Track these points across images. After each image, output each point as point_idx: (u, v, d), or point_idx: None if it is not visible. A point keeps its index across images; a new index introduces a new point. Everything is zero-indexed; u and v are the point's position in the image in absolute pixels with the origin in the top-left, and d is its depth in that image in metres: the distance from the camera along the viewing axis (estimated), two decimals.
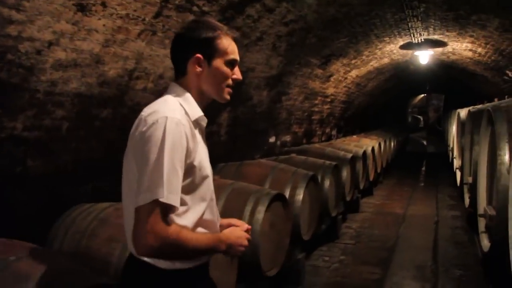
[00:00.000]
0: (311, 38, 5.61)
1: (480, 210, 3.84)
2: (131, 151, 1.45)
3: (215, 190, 1.67)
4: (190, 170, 1.45)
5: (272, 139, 7.14)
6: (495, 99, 7.66)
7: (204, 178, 1.54)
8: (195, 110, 1.54)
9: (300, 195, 3.89)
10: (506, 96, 6.78)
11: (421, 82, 15.91)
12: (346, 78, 9.11)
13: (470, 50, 7.80)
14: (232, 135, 5.57)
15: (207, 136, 1.69)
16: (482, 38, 6.60)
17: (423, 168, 13.30)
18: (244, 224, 1.73)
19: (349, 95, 10.64)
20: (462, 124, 6.45)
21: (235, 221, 1.76)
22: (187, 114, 1.50)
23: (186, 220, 1.46)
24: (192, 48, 1.54)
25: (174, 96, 1.54)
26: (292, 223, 3.64)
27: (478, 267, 4.37)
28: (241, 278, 2.87)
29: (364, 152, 7.28)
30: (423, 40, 7.40)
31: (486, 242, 3.47)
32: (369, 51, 7.84)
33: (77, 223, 2.60)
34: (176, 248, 1.40)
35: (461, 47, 7.80)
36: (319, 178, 4.78)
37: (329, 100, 9.42)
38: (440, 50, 8.36)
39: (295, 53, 5.74)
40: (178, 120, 1.41)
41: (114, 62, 3.18)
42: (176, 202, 1.37)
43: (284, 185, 3.92)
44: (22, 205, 2.87)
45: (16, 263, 1.73)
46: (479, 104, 8.13)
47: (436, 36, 7.18)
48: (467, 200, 5.26)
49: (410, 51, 8.50)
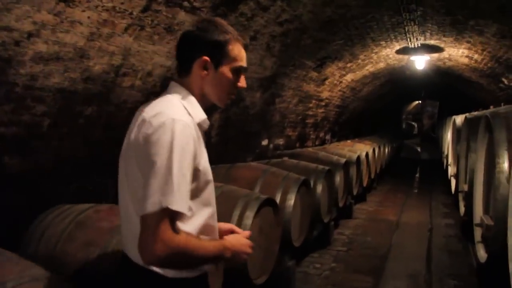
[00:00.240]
0: (306, 40, 5.50)
1: (477, 220, 3.73)
2: (134, 155, 1.39)
3: None
4: (195, 174, 1.42)
5: (265, 142, 7.01)
6: (491, 107, 7.59)
7: (208, 182, 1.51)
8: (199, 113, 1.51)
9: (291, 200, 3.76)
10: (502, 104, 6.70)
11: (416, 88, 15.88)
12: (341, 82, 9.01)
13: (467, 57, 7.73)
14: (224, 136, 5.43)
15: None
16: (479, 44, 6.53)
17: (417, 175, 13.25)
18: (245, 232, 1.72)
19: (344, 99, 10.55)
20: (458, 131, 6.36)
21: (235, 227, 1.75)
22: (190, 116, 1.46)
23: (190, 226, 1.43)
24: (200, 49, 1.50)
25: (176, 96, 1.50)
26: (282, 229, 3.50)
27: (473, 278, 4.26)
28: (228, 286, 2.73)
29: (358, 157, 7.18)
30: (419, 45, 7.32)
31: (482, 253, 3.36)
32: (364, 55, 7.75)
33: (54, 225, 2.46)
34: (184, 256, 1.36)
35: (457, 53, 7.73)
36: (312, 183, 4.65)
37: (323, 104, 9.32)
38: (436, 55, 8.28)
39: (290, 54, 5.63)
40: (186, 123, 1.37)
41: (99, 57, 3.03)
42: (185, 209, 1.34)
43: (275, 189, 3.79)
44: None
45: None
46: (474, 111, 8.07)
47: (432, 41, 7.10)
48: (462, 208, 5.15)
49: (406, 56, 8.43)
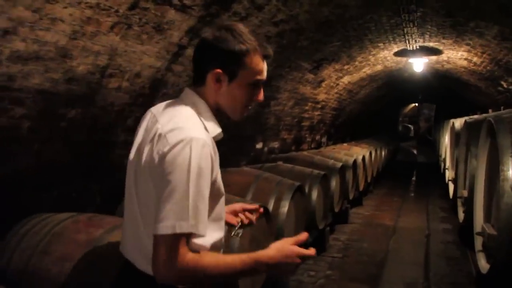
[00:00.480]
0: (303, 41, 5.36)
1: (477, 228, 3.59)
2: (147, 170, 1.35)
3: None
4: (211, 189, 1.37)
5: (259, 146, 6.86)
6: (490, 110, 7.48)
7: (221, 196, 1.47)
8: (214, 126, 1.45)
9: (285, 207, 3.61)
10: (502, 107, 6.58)
11: (413, 91, 15.80)
12: (338, 84, 8.88)
13: (466, 59, 7.61)
14: (216, 140, 5.27)
15: None
16: (479, 46, 6.41)
17: (414, 178, 13.13)
18: (302, 234, 1.52)
19: (340, 102, 10.42)
20: (456, 135, 6.23)
21: (248, 205, 1.81)
22: (206, 130, 1.39)
23: (202, 240, 1.38)
24: (214, 60, 1.42)
25: (192, 107, 1.43)
26: (275, 238, 3.35)
27: (472, 287, 4.12)
28: None
29: (355, 161, 7.05)
30: (418, 47, 7.20)
31: (484, 263, 3.21)
32: (362, 57, 7.61)
33: (29, 236, 2.30)
34: (200, 275, 1.31)
35: (456, 56, 7.61)
36: (306, 188, 4.51)
37: (320, 106, 9.18)
38: (435, 58, 8.16)
39: (286, 55, 5.48)
40: (204, 142, 1.30)
41: (83, 57, 2.87)
42: (203, 231, 1.31)
43: (268, 195, 3.64)
44: None
45: None
46: (472, 114, 7.95)
47: (431, 44, 6.98)
48: (461, 215, 5.01)
49: (404, 59, 8.31)
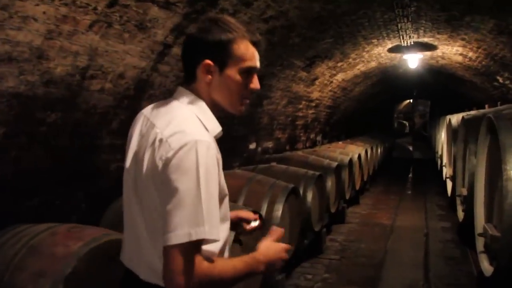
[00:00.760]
0: (294, 38, 5.21)
1: (479, 228, 3.47)
2: (150, 179, 1.28)
3: None
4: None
5: (252, 146, 6.71)
6: (486, 106, 7.38)
7: (225, 196, 1.41)
8: (214, 125, 1.39)
9: (278, 211, 3.46)
10: (498, 103, 6.48)
11: (408, 88, 15.71)
12: (331, 82, 8.75)
13: (461, 55, 7.50)
14: None
15: None
16: (475, 41, 6.29)
17: (410, 175, 13.05)
18: (276, 230, 1.56)
19: (334, 99, 10.30)
20: (453, 132, 6.11)
21: (243, 213, 1.71)
22: (206, 129, 1.34)
23: (214, 245, 1.33)
24: (201, 52, 1.37)
25: (188, 106, 1.37)
26: None
27: None
28: None
29: (350, 160, 6.92)
30: (412, 43, 7.07)
31: (486, 265, 3.08)
32: (356, 54, 7.48)
33: (4, 250, 2.14)
34: (215, 283, 1.28)
35: (451, 51, 7.49)
36: (301, 190, 4.36)
37: (314, 104, 9.05)
38: (429, 54, 8.05)
39: (277, 53, 5.34)
40: (209, 144, 1.26)
41: (61, 58, 2.71)
42: (218, 236, 1.25)
43: (261, 199, 3.49)
44: None
45: None
46: (468, 110, 7.86)
47: (426, 39, 6.85)
48: (460, 213, 4.90)
49: (398, 55, 8.19)
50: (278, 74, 6.08)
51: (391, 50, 7.79)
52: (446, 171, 7.31)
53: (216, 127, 1.39)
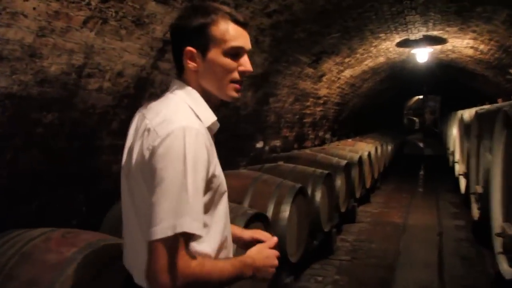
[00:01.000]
0: (299, 33, 5.07)
1: (496, 228, 3.31)
2: (139, 171, 1.22)
3: None
4: (209, 186, 1.25)
5: (259, 145, 6.58)
6: (499, 100, 7.16)
7: (223, 193, 1.35)
8: (208, 114, 1.33)
9: (285, 212, 3.33)
10: None
11: (417, 83, 15.47)
12: (339, 78, 8.59)
13: (472, 48, 7.29)
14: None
15: None
16: (486, 33, 6.09)
17: (421, 172, 12.82)
18: (272, 238, 1.50)
19: (343, 96, 10.13)
20: (466, 127, 5.93)
21: (259, 233, 1.56)
22: (198, 118, 1.28)
23: (207, 244, 1.27)
24: (183, 40, 1.33)
25: (179, 95, 1.33)
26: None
27: None
28: None
29: (360, 158, 6.76)
30: (421, 36, 6.89)
31: (506, 267, 2.93)
32: (363, 49, 7.31)
33: None
34: (200, 284, 1.19)
35: (461, 44, 7.29)
36: (309, 189, 4.23)
37: (321, 101, 8.89)
38: (439, 47, 7.85)
39: (282, 49, 5.20)
40: (197, 131, 1.20)
41: (55, 56, 2.61)
42: (201, 231, 1.17)
43: (267, 200, 3.37)
44: None
45: None
46: (481, 105, 7.65)
47: (435, 32, 6.66)
48: (475, 211, 4.72)
49: (407, 49, 8.00)
50: (284, 71, 5.94)
51: (399, 45, 7.60)
52: (459, 168, 7.12)
53: (210, 117, 1.33)
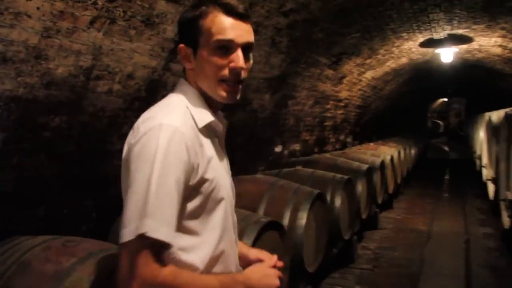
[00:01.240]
0: (318, 33, 4.90)
1: None
2: (124, 169, 1.17)
3: None
4: (198, 190, 1.16)
5: (278, 149, 6.43)
6: None
7: (219, 201, 1.23)
8: (203, 114, 1.24)
9: (302, 220, 3.17)
10: None
11: (442, 85, 15.06)
12: (360, 80, 8.37)
13: (500, 46, 6.98)
14: (229, 144, 4.87)
15: None
16: None
17: (447, 177, 12.42)
18: (273, 258, 1.43)
19: (364, 99, 9.89)
20: (494, 129, 5.65)
21: (265, 254, 1.47)
22: (193, 119, 1.21)
23: (194, 256, 1.17)
24: (180, 37, 1.28)
25: (180, 95, 1.26)
26: (292, 256, 2.92)
27: None
28: None
29: (382, 162, 6.53)
30: (446, 35, 6.62)
31: None
32: (385, 49, 7.09)
33: None
34: None
35: (489, 43, 6.99)
36: (329, 195, 4.05)
37: (342, 104, 8.68)
38: (464, 47, 7.55)
39: (300, 50, 5.04)
40: (176, 128, 1.11)
41: (62, 58, 2.53)
42: (167, 237, 1.05)
43: (283, 207, 3.21)
44: None
45: None
46: (509, 107, 7.33)
47: (460, 31, 6.39)
48: (505, 219, 4.46)
49: (431, 49, 7.72)
50: (302, 72, 5.78)
51: (423, 45, 7.33)
52: (487, 173, 6.81)
53: (205, 117, 1.24)
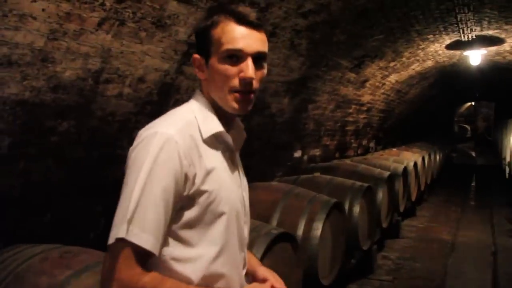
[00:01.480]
0: (339, 35, 4.74)
1: None
2: None
3: None
4: (194, 201, 1.13)
5: (297, 154, 6.28)
6: None
7: (219, 215, 1.18)
8: (211, 125, 1.21)
9: (317, 230, 3.02)
10: None
11: (469, 88, 14.61)
12: (384, 84, 8.13)
13: None
14: (246, 149, 4.75)
15: None
16: None
17: (473, 184, 12.01)
18: (278, 281, 1.36)
19: (388, 103, 9.62)
20: None
21: (272, 275, 1.39)
22: (199, 129, 1.18)
23: (190, 268, 1.13)
24: (196, 47, 1.27)
25: (191, 105, 1.25)
26: (305, 268, 2.78)
27: None
28: None
29: (405, 169, 6.30)
30: (474, 37, 6.34)
31: None
32: (409, 52, 6.85)
33: None
34: None
35: None
36: (347, 204, 3.89)
37: (365, 108, 8.46)
38: (494, 49, 7.24)
39: (320, 53, 4.89)
40: (169, 137, 1.10)
41: (69, 61, 2.46)
42: (148, 244, 1.04)
43: (298, 216, 3.07)
44: None
45: None
46: None
47: (491, 32, 6.11)
48: None
49: (458, 52, 7.44)
50: (323, 76, 5.62)
51: (449, 47, 7.06)
52: None
53: (211, 128, 1.20)
